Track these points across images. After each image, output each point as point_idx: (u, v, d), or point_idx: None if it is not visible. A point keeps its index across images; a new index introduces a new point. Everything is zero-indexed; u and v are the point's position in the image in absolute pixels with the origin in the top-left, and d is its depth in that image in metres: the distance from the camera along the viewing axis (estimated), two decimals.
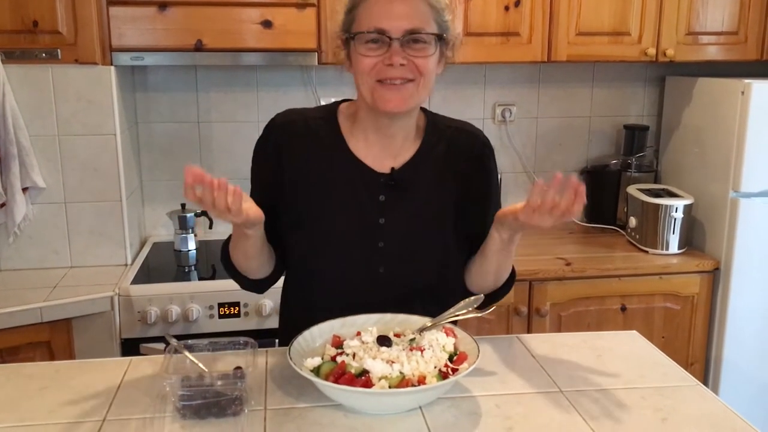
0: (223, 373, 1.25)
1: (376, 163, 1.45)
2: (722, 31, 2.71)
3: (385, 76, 1.33)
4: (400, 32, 1.31)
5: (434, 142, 1.48)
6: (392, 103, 1.35)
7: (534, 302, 2.51)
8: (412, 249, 1.46)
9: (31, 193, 2.35)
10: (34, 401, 1.26)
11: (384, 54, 1.32)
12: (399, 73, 1.33)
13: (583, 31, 2.63)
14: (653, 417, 1.22)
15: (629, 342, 1.54)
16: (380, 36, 1.32)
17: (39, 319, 2.12)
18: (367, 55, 1.33)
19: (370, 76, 1.34)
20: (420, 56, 1.33)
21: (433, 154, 1.47)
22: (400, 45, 1.32)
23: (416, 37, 1.33)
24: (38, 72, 2.30)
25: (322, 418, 1.20)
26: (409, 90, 1.35)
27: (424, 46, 1.34)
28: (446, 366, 1.24)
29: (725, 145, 2.58)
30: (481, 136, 1.54)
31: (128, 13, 2.35)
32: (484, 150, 1.52)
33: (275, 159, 1.46)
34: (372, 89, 1.35)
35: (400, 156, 1.46)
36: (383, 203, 1.44)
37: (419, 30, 1.33)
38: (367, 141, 1.45)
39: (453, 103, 2.97)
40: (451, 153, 1.48)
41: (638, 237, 2.71)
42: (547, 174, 3.04)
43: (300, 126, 1.47)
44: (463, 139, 1.51)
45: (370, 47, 1.33)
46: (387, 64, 1.32)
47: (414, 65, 1.33)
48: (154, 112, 2.78)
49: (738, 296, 2.58)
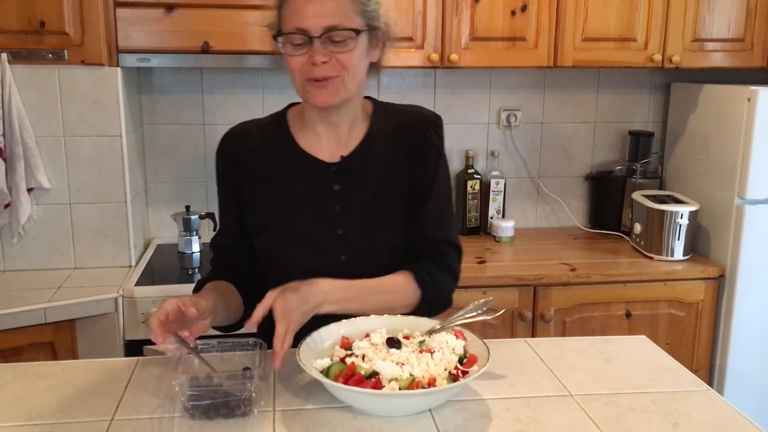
0: (231, 373, 1.24)
1: (327, 154, 1.49)
2: (728, 38, 2.72)
3: (311, 76, 1.38)
4: (319, 30, 1.34)
5: (381, 126, 1.52)
6: (320, 99, 1.40)
7: (538, 308, 2.51)
8: (369, 234, 1.48)
9: (36, 193, 2.35)
10: (41, 400, 1.25)
11: (307, 53, 1.36)
12: (322, 72, 1.37)
13: (590, 36, 2.63)
14: (664, 422, 1.21)
15: (638, 347, 1.54)
16: (302, 36, 1.35)
17: (43, 320, 2.12)
18: (293, 55, 1.37)
19: (299, 75, 1.39)
20: (341, 52, 1.37)
21: (381, 138, 1.51)
22: (321, 43, 1.35)
23: (335, 34, 1.36)
24: (44, 73, 2.30)
25: (332, 419, 1.19)
26: (335, 85, 1.39)
27: (345, 41, 1.37)
28: (456, 368, 1.23)
29: (731, 152, 2.58)
30: (426, 115, 1.56)
31: (135, 14, 2.35)
32: (428, 125, 1.54)
33: (234, 170, 1.51)
34: (302, 87, 1.41)
35: (349, 144, 1.50)
36: (337, 192, 1.47)
37: (337, 26, 1.35)
38: (316, 135, 1.50)
39: (458, 107, 2.97)
40: (398, 134, 1.52)
41: (643, 243, 2.70)
42: (552, 179, 3.06)
43: (253, 134, 1.52)
44: (409, 119, 1.54)
45: (295, 47, 1.37)
46: (310, 63, 1.36)
47: (337, 61, 1.37)
48: (160, 113, 2.78)
49: (743, 303, 2.58)
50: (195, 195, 2.80)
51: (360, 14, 1.39)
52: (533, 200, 3.09)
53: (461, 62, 2.59)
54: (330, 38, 1.35)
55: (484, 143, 3.01)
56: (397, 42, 2.49)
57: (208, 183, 2.81)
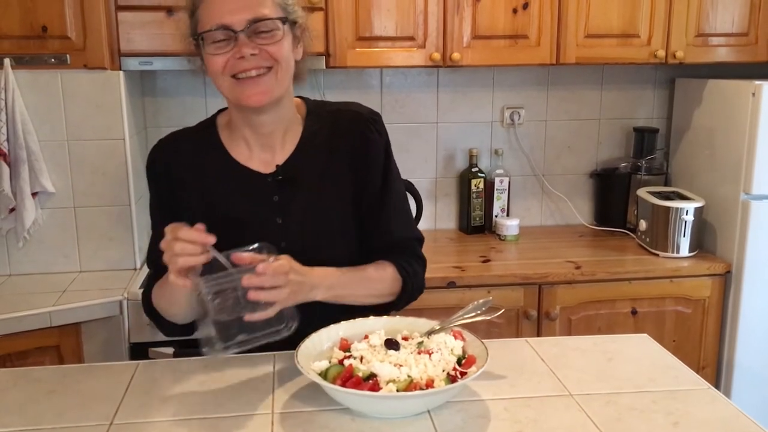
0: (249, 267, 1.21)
1: (262, 165, 1.44)
2: (732, 33, 2.70)
3: (239, 69, 1.32)
4: (243, 24, 1.30)
5: (316, 129, 1.46)
6: (254, 98, 1.34)
7: (544, 306, 2.50)
8: (314, 245, 1.42)
9: (41, 197, 2.36)
10: (41, 405, 1.25)
11: (233, 49, 1.31)
12: (252, 64, 1.31)
13: (592, 33, 2.62)
14: (665, 421, 1.20)
15: (640, 345, 1.53)
16: (225, 32, 1.30)
17: (48, 324, 2.13)
18: (216, 54, 1.31)
19: (224, 75, 1.33)
20: (270, 43, 1.32)
21: (316, 142, 1.45)
22: (246, 36, 1.30)
23: (260, 25, 1.31)
24: (47, 77, 2.31)
25: (330, 421, 1.19)
26: (268, 80, 1.34)
27: (272, 32, 1.33)
28: (455, 369, 1.23)
29: (736, 147, 2.56)
30: (364, 112, 1.51)
31: (137, 18, 2.35)
32: (367, 123, 1.48)
33: (166, 183, 1.44)
34: (230, 87, 1.34)
35: (283, 150, 1.44)
36: (277, 203, 1.43)
37: (262, 17, 1.31)
38: (247, 144, 1.44)
39: (461, 106, 2.96)
40: (334, 136, 1.46)
41: (648, 240, 2.69)
42: (556, 177, 3.05)
43: (183, 145, 1.47)
44: (346, 119, 1.49)
45: (218, 46, 1.31)
46: (238, 58, 1.31)
47: (267, 53, 1.32)
48: (163, 116, 2.79)
49: (750, 299, 2.56)
50: None
51: (279, 7, 1.35)
52: (538, 198, 3.08)
53: (463, 61, 2.58)
54: (255, 30, 1.31)
55: (488, 142, 3.01)
56: (399, 41, 2.53)
57: None
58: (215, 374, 1.37)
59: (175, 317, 1.42)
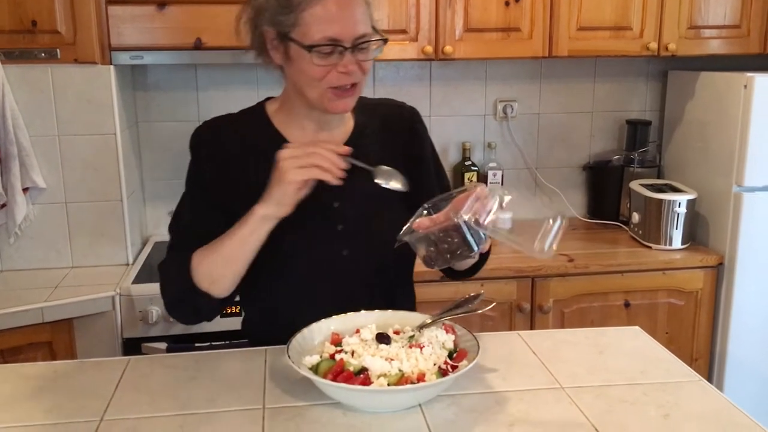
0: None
1: None
2: (724, 25, 2.70)
3: (340, 84, 1.34)
4: (351, 40, 1.31)
5: (366, 120, 1.51)
6: (342, 106, 1.38)
7: (537, 299, 2.50)
8: (370, 228, 1.45)
9: (32, 193, 2.35)
10: (31, 401, 1.25)
11: (336, 62, 1.32)
12: (351, 79, 1.34)
13: (584, 25, 2.62)
14: (655, 413, 1.20)
15: (632, 338, 1.53)
16: (333, 45, 1.31)
17: (40, 320, 2.12)
18: (319, 65, 1.32)
19: (321, 83, 1.34)
20: (367, 59, 1.35)
21: (367, 132, 1.50)
22: (351, 52, 1.32)
23: (365, 43, 1.33)
24: (37, 72, 2.30)
25: (321, 416, 1.19)
26: (356, 92, 1.38)
27: (369, 48, 1.35)
28: (446, 363, 1.23)
29: (728, 140, 2.56)
30: (405, 105, 1.59)
31: (127, 12, 2.34)
32: (413, 116, 1.57)
33: (215, 163, 1.43)
34: (321, 95, 1.36)
35: (337, 140, 1.47)
36: (333, 188, 1.39)
37: (368, 36, 1.34)
38: (303, 131, 1.46)
39: (454, 100, 2.96)
40: (385, 126, 1.52)
41: (641, 232, 2.69)
42: (550, 170, 3.05)
43: (231, 129, 1.47)
44: (393, 112, 1.56)
45: (322, 56, 1.31)
46: (341, 72, 1.32)
47: (362, 68, 1.35)
48: (155, 111, 2.78)
49: (742, 291, 2.57)
50: None
51: (368, 16, 1.37)
52: (531, 191, 3.08)
53: (456, 54, 2.57)
54: (359, 47, 1.33)
55: (481, 135, 3.00)
56: (391, 34, 2.52)
57: None
58: (206, 369, 1.37)
59: (223, 280, 1.36)
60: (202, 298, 1.37)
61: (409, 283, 1.60)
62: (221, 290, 1.38)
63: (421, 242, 1.25)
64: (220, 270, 1.36)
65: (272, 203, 1.30)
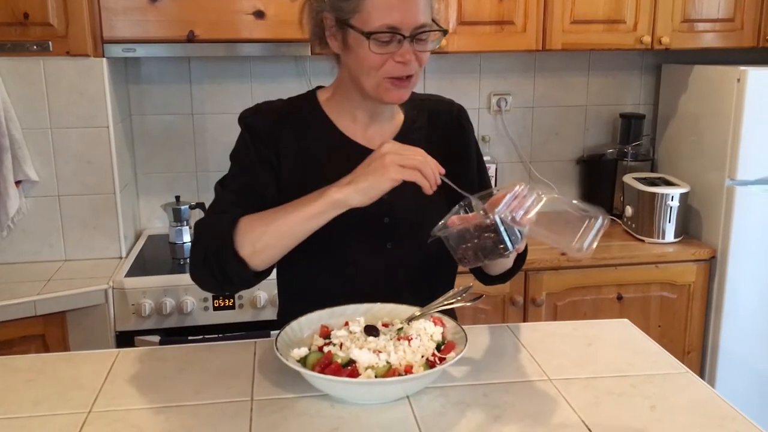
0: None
1: (367, 140, 1.45)
2: (718, 18, 2.70)
3: (397, 74, 1.32)
4: (411, 29, 1.29)
5: (415, 115, 1.50)
6: (398, 96, 1.36)
7: (530, 292, 2.51)
8: (416, 223, 1.41)
9: (25, 186, 2.35)
10: (19, 394, 1.25)
11: (394, 51, 1.30)
12: (409, 70, 1.33)
13: (578, 19, 2.61)
14: (642, 404, 1.21)
15: (620, 330, 1.53)
16: (391, 34, 1.29)
17: (33, 313, 2.13)
18: (377, 53, 1.30)
19: (378, 72, 1.32)
20: (425, 50, 1.34)
21: (416, 126, 1.49)
22: (409, 42, 1.30)
23: (423, 34, 1.32)
24: (30, 65, 2.29)
25: (309, 408, 1.19)
26: (412, 83, 1.37)
27: (428, 38, 1.33)
28: (434, 355, 1.23)
29: (721, 133, 2.57)
30: (454, 103, 1.58)
31: (119, 4, 2.33)
32: (461, 114, 1.56)
33: (269, 145, 1.41)
34: (377, 84, 1.34)
35: (386, 132, 1.47)
36: None
37: (427, 26, 1.32)
38: (355, 121, 1.45)
39: (448, 93, 2.87)
40: (433, 122, 1.51)
41: (634, 226, 2.70)
42: (544, 163, 3.05)
43: (284, 112, 1.45)
44: (442, 108, 1.55)
45: (380, 44, 1.30)
46: (399, 62, 1.31)
47: (420, 59, 1.33)
48: (148, 103, 2.78)
49: (734, 284, 2.57)
50: (185, 185, 2.80)
51: (430, 7, 1.35)
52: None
53: (449, 47, 2.57)
54: (417, 37, 1.31)
55: (475, 128, 2.98)
56: None
57: (198, 173, 2.81)
58: (195, 362, 1.37)
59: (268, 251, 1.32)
60: (237, 265, 1.30)
61: (451, 283, 1.53)
62: (261, 262, 1.32)
63: (455, 239, 1.24)
64: (270, 240, 1.30)
65: (356, 191, 1.25)
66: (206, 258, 1.33)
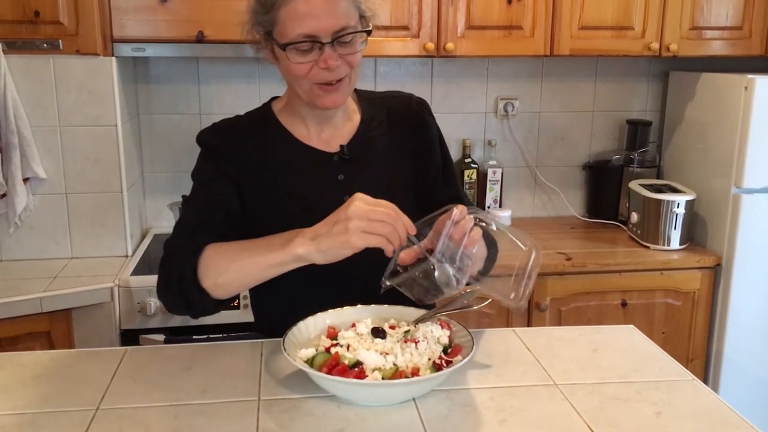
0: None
1: (323, 144, 1.47)
2: (726, 26, 2.70)
3: (323, 80, 1.33)
4: (329, 35, 1.30)
5: (373, 113, 1.51)
6: (331, 101, 1.37)
7: (534, 297, 2.51)
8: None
9: (32, 183, 2.36)
10: (27, 390, 1.26)
11: (317, 58, 1.31)
12: (335, 75, 1.33)
13: (586, 25, 2.62)
14: (648, 411, 1.21)
15: (626, 336, 1.54)
16: (311, 42, 1.30)
17: (39, 310, 2.13)
18: (300, 62, 1.32)
19: (306, 80, 1.34)
20: (351, 53, 1.34)
21: (374, 124, 1.50)
22: (330, 47, 1.31)
23: (346, 37, 1.32)
24: (39, 62, 2.30)
25: (316, 409, 1.20)
26: (345, 86, 1.38)
27: (353, 41, 1.34)
28: (440, 358, 1.24)
29: (728, 141, 2.57)
30: (413, 96, 1.57)
31: (129, 3, 2.34)
32: (421, 107, 1.56)
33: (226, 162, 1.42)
34: (309, 91, 1.36)
35: (343, 134, 1.48)
36: (343, 182, 1.44)
37: (349, 28, 1.32)
38: (307, 127, 1.47)
39: (455, 97, 2.96)
40: (392, 119, 1.51)
41: (640, 232, 2.70)
42: (550, 168, 3.05)
43: (241, 127, 1.47)
44: (400, 104, 1.55)
45: (301, 53, 1.31)
46: (323, 68, 1.32)
47: (347, 62, 1.34)
48: (156, 103, 2.78)
49: (739, 293, 2.57)
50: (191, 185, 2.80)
51: (357, 8, 1.36)
52: (530, 190, 3.09)
53: (457, 51, 2.58)
54: (339, 41, 1.32)
55: (481, 132, 3.01)
56: (393, 31, 2.53)
57: None
58: (202, 360, 1.38)
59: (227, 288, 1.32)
60: (198, 294, 1.31)
61: None
62: (223, 293, 1.33)
63: (406, 285, 1.24)
64: (231, 278, 1.31)
65: (318, 251, 1.23)
66: (169, 284, 1.34)
